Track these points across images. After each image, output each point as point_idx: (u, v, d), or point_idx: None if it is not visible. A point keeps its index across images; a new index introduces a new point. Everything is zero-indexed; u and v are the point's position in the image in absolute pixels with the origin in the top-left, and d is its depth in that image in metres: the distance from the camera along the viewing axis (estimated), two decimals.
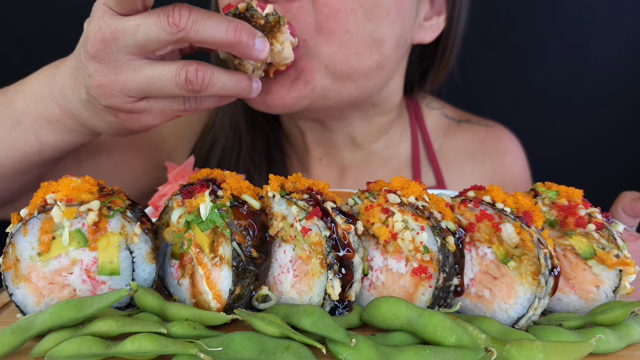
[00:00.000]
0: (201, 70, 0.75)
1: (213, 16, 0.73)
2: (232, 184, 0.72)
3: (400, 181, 0.75)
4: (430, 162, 1.38)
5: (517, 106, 1.87)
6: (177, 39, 0.73)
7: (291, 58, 0.79)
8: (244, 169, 1.30)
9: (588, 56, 1.84)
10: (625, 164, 1.90)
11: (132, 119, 0.82)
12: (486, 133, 1.45)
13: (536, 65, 1.86)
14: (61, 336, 0.60)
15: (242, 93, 0.79)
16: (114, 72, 0.77)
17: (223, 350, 0.59)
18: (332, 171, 1.35)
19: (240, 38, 0.73)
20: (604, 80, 1.85)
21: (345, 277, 0.68)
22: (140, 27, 0.73)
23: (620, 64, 1.83)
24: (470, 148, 1.42)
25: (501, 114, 1.56)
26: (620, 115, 1.88)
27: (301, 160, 1.36)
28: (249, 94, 0.80)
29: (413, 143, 1.39)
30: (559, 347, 0.61)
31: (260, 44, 0.75)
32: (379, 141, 1.35)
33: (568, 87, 1.86)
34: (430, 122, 1.44)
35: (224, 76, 0.77)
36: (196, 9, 0.73)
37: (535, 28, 1.83)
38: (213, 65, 0.76)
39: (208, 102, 0.83)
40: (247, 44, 0.73)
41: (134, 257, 0.70)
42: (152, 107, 0.80)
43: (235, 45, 0.73)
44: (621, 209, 0.99)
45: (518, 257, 0.69)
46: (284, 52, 0.78)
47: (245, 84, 0.79)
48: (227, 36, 0.72)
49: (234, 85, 0.78)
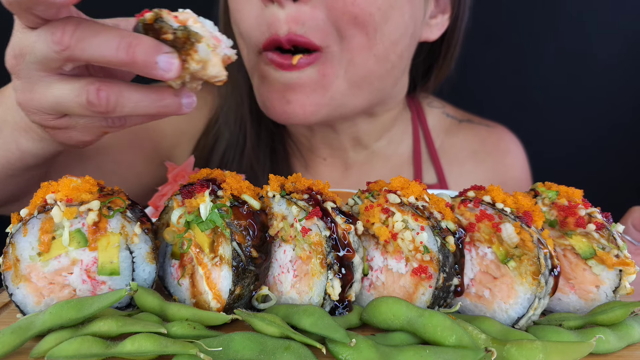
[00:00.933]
0: (104, 90, 0.66)
1: (102, 32, 0.63)
2: (232, 184, 0.72)
3: (400, 181, 0.75)
4: (432, 159, 1.39)
5: (517, 106, 1.87)
6: (65, 57, 0.65)
7: (221, 77, 0.67)
8: (247, 165, 1.30)
9: (588, 56, 1.84)
10: (625, 164, 1.90)
11: (61, 135, 0.77)
12: (488, 132, 1.46)
13: (536, 65, 1.86)
14: (61, 336, 0.60)
15: (167, 111, 0.70)
16: (29, 89, 0.71)
17: (223, 350, 0.59)
18: (335, 170, 1.36)
19: (134, 57, 0.62)
20: (604, 80, 1.85)
21: (345, 277, 0.68)
22: (36, 44, 0.66)
23: (620, 63, 1.83)
24: (472, 147, 1.43)
25: (501, 113, 1.56)
26: (620, 115, 1.88)
27: (305, 159, 1.37)
28: (177, 110, 0.70)
29: (414, 141, 1.40)
30: (559, 347, 0.61)
31: (165, 63, 0.63)
32: (381, 140, 1.36)
33: (568, 87, 1.86)
34: (432, 120, 1.45)
35: (136, 95, 0.68)
36: (85, 23, 0.64)
37: (535, 28, 1.83)
38: (123, 83, 0.68)
39: (135, 120, 0.75)
40: (145, 62, 0.63)
41: (134, 257, 0.70)
42: (75, 123, 0.73)
43: (129, 64, 0.63)
44: (631, 223, 0.99)
45: (518, 257, 0.69)
46: (208, 71, 0.65)
47: (168, 102, 0.69)
48: (117, 55, 0.63)
49: (152, 104, 0.69)
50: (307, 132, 1.32)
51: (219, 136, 1.34)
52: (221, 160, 1.32)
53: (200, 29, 0.64)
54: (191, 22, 0.64)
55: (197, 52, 0.63)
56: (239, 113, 1.31)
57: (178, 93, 0.69)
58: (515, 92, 1.89)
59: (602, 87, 1.86)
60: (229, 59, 0.68)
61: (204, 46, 0.63)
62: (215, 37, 0.66)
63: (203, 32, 0.64)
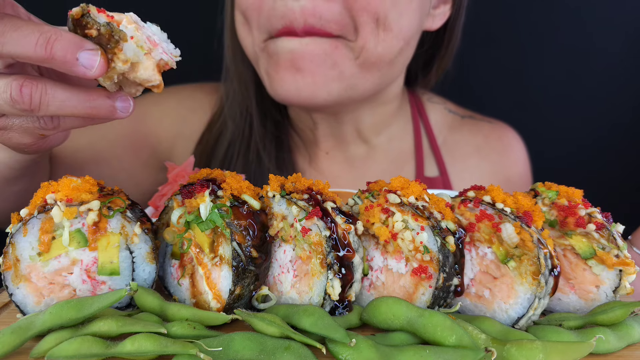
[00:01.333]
0: (27, 86, 0.64)
1: (23, 27, 0.61)
2: (232, 184, 0.72)
3: (400, 181, 0.75)
4: (434, 152, 1.41)
5: (518, 105, 1.87)
6: None
7: (154, 81, 0.64)
8: (253, 156, 1.31)
9: (589, 55, 1.84)
10: (625, 164, 1.90)
11: (2, 137, 0.74)
12: (490, 128, 1.49)
13: (536, 64, 1.86)
14: (61, 336, 0.60)
15: (98, 113, 0.67)
16: None
17: (223, 350, 0.59)
18: (338, 164, 1.37)
19: (52, 53, 0.60)
20: (605, 80, 1.85)
21: (345, 277, 0.68)
22: None
23: (620, 62, 1.83)
24: (476, 142, 1.45)
25: (501, 113, 1.56)
26: (621, 115, 1.88)
27: (309, 153, 1.38)
28: (110, 114, 0.67)
29: (415, 135, 1.41)
30: (559, 347, 0.61)
31: (86, 59, 0.60)
32: (382, 134, 1.38)
33: (568, 86, 1.86)
34: (434, 116, 1.47)
35: (62, 93, 0.65)
36: (8, 18, 0.61)
37: (535, 27, 1.83)
38: (51, 81, 0.65)
39: (69, 122, 0.71)
40: (65, 59, 0.60)
41: (134, 257, 0.70)
42: (11, 124, 0.71)
43: (48, 60, 0.61)
44: None
45: (518, 257, 0.69)
46: (138, 74, 0.63)
47: (99, 103, 0.66)
48: (36, 51, 0.60)
49: (80, 104, 0.66)
50: (311, 124, 1.33)
51: (223, 129, 1.35)
52: (225, 154, 1.33)
53: (129, 30, 0.62)
54: (125, 22, 0.63)
55: (122, 51, 0.61)
56: (244, 105, 1.32)
57: (112, 96, 0.67)
58: (516, 91, 1.88)
59: (602, 86, 1.86)
60: (165, 65, 0.66)
61: (131, 46, 0.62)
62: (153, 41, 0.65)
63: (133, 32, 0.62)
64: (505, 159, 1.45)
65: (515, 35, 1.84)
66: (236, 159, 1.31)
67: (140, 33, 0.63)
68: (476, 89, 1.85)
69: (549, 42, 1.83)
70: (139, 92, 0.69)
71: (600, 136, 1.90)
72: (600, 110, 1.88)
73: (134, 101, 0.69)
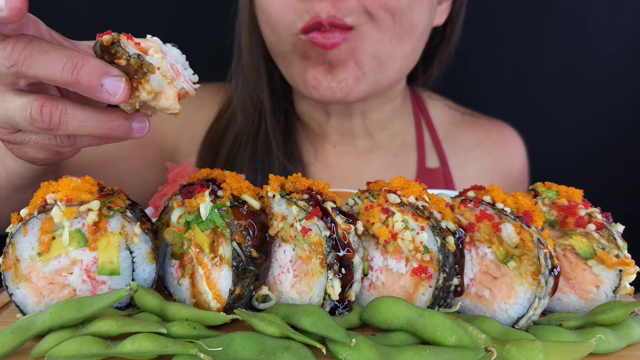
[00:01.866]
0: (48, 107, 0.66)
1: (51, 51, 0.63)
2: (232, 184, 0.72)
3: (400, 181, 0.75)
4: (435, 145, 1.45)
5: (518, 106, 1.87)
6: (14, 73, 0.65)
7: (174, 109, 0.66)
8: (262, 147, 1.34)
9: (589, 55, 1.83)
10: (626, 164, 1.90)
11: (17, 150, 0.77)
12: (490, 124, 1.52)
13: (537, 64, 1.86)
14: (61, 336, 0.60)
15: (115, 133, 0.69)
16: None
17: (223, 350, 0.59)
18: (345, 156, 1.41)
19: (78, 78, 0.62)
20: (605, 80, 1.85)
21: (345, 277, 0.68)
22: None
23: (621, 63, 1.83)
24: (477, 136, 1.49)
25: (501, 113, 1.57)
26: (621, 115, 1.88)
27: (315, 146, 1.42)
28: (127, 134, 0.69)
29: (417, 129, 1.46)
30: (559, 347, 0.61)
31: (111, 86, 0.63)
32: (386, 130, 1.42)
33: (568, 86, 1.86)
34: (435, 111, 1.51)
35: (82, 114, 0.67)
36: (37, 41, 0.64)
37: (536, 27, 1.83)
38: (70, 102, 0.67)
39: (85, 141, 0.74)
40: (90, 84, 0.63)
41: (134, 257, 0.70)
42: (27, 139, 0.73)
43: (74, 85, 0.63)
44: None
45: (518, 257, 0.69)
46: (160, 102, 0.65)
47: (116, 124, 0.68)
48: (62, 75, 0.63)
49: (98, 125, 0.68)
50: (323, 118, 1.37)
51: (231, 120, 1.38)
52: (233, 144, 1.36)
53: (156, 60, 0.64)
54: (152, 51, 0.64)
55: (148, 82, 0.63)
56: (255, 95, 1.35)
57: (129, 117, 0.69)
58: (516, 92, 1.88)
59: (602, 86, 1.85)
60: (185, 93, 0.67)
61: (157, 77, 0.63)
62: (176, 69, 0.66)
63: (160, 63, 0.64)
64: (506, 154, 1.49)
65: (515, 35, 1.84)
66: (244, 149, 1.34)
67: (166, 62, 0.65)
68: (476, 89, 1.85)
69: (549, 42, 1.83)
70: (155, 114, 0.70)
71: (600, 136, 1.90)
72: (600, 110, 1.88)
73: (149, 122, 0.71)
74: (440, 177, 1.40)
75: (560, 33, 1.83)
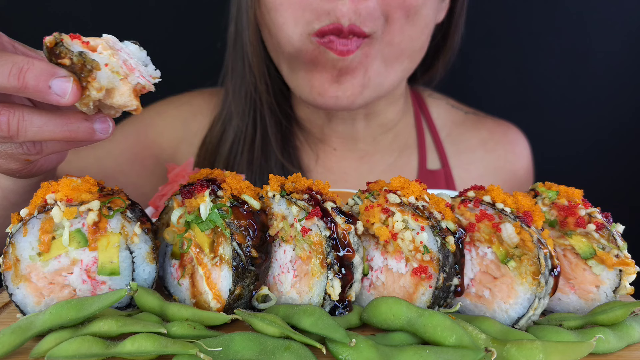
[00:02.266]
0: (4, 114, 0.65)
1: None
2: (232, 184, 0.72)
3: (400, 181, 0.75)
4: (436, 146, 1.43)
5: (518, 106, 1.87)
6: None
7: (131, 106, 0.64)
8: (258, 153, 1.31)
9: (589, 55, 1.84)
10: (626, 164, 1.90)
11: None
12: (495, 124, 1.50)
13: (537, 64, 1.86)
14: (61, 336, 0.60)
15: (77, 136, 0.68)
16: None
17: (223, 350, 0.59)
18: (346, 160, 1.39)
19: (25, 82, 0.61)
20: (605, 80, 1.85)
21: (345, 277, 0.68)
22: None
23: (621, 63, 1.83)
24: (481, 136, 1.46)
25: (501, 113, 1.56)
26: (621, 115, 1.88)
27: (315, 150, 1.39)
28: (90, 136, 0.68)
29: (418, 130, 1.44)
30: (559, 347, 0.61)
31: (59, 87, 0.61)
32: (390, 132, 1.40)
33: (568, 87, 1.86)
34: (436, 110, 1.49)
35: (39, 119, 0.66)
36: None
37: (536, 28, 1.83)
38: (28, 108, 0.67)
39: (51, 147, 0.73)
40: (37, 87, 0.61)
41: (134, 257, 0.70)
42: None
43: (22, 90, 0.62)
44: None
45: (518, 257, 0.69)
46: (114, 100, 0.63)
47: (76, 126, 0.67)
48: (9, 81, 0.61)
49: (57, 128, 0.66)
50: (324, 121, 1.34)
51: (227, 126, 1.35)
52: (230, 151, 1.33)
53: (103, 57, 0.62)
54: (100, 48, 0.63)
55: (95, 79, 0.61)
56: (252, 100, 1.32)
57: (89, 118, 0.67)
58: (516, 92, 1.89)
59: (602, 87, 1.86)
60: (142, 88, 0.65)
61: (105, 74, 0.62)
62: (130, 65, 0.64)
63: (108, 59, 0.62)
64: (511, 154, 1.47)
65: (515, 35, 1.84)
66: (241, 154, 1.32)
67: (117, 59, 0.63)
68: (476, 90, 1.85)
69: (550, 42, 1.83)
70: (119, 114, 0.68)
71: (600, 136, 1.90)
72: (601, 110, 1.88)
73: (113, 122, 0.69)
74: (441, 179, 1.38)
75: (560, 33, 1.83)
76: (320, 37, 1.06)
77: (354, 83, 1.11)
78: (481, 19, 1.54)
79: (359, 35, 1.05)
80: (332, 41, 1.06)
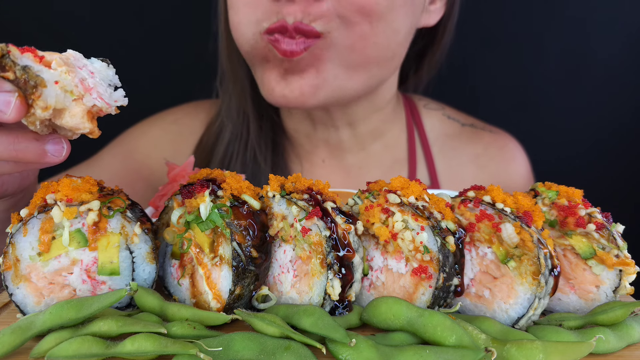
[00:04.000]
0: None
1: None
2: (232, 184, 0.72)
3: (400, 181, 0.75)
4: (426, 161, 1.39)
5: (517, 107, 1.87)
6: None
7: (83, 129, 0.60)
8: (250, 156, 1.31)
9: (588, 56, 1.84)
10: (626, 164, 1.90)
11: None
12: (492, 138, 1.44)
13: (536, 65, 1.86)
14: (61, 336, 0.60)
15: (26, 156, 0.64)
16: None
17: (223, 350, 0.59)
18: (334, 172, 1.36)
19: None
20: (605, 81, 1.85)
21: (345, 277, 0.68)
22: None
23: (621, 64, 1.83)
24: (475, 151, 1.41)
25: (501, 114, 1.56)
26: (621, 115, 1.88)
27: (303, 162, 1.37)
28: (40, 157, 0.64)
29: (409, 143, 1.40)
30: (559, 347, 0.61)
31: (1, 102, 0.57)
32: (378, 142, 1.36)
33: (568, 87, 1.86)
34: (430, 123, 1.44)
35: None
36: None
37: (535, 28, 1.83)
38: None
39: (2, 167, 0.69)
40: None
41: (134, 257, 0.70)
42: None
43: None
44: None
45: (518, 257, 0.69)
46: (64, 120, 0.59)
47: (24, 146, 0.63)
48: None
49: (3, 147, 0.63)
50: (310, 128, 1.33)
51: (222, 128, 1.35)
52: (224, 154, 1.33)
53: (54, 74, 0.58)
54: (54, 64, 0.58)
55: (39, 97, 0.57)
56: (241, 106, 1.32)
57: (41, 138, 0.63)
58: (515, 93, 1.89)
59: (602, 87, 1.86)
60: (99, 111, 0.61)
61: (52, 92, 0.57)
62: (87, 85, 0.60)
63: (59, 77, 0.58)
64: (504, 172, 1.42)
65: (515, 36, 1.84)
66: (235, 160, 1.31)
67: (72, 76, 0.58)
68: (475, 91, 1.85)
69: (549, 43, 1.83)
70: (76, 136, 0.64)
71: (600, 136, 1.91)
72: (600, 110, 1.89)
73: (68, 143, 0.65)
74: None
75: (560, 34, 1.83)
76: (269, 35, 1.06)
77: (302, 83, 1.08)
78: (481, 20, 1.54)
79: (307, 34, 1.03)
80: (277, 40, 1.04)
